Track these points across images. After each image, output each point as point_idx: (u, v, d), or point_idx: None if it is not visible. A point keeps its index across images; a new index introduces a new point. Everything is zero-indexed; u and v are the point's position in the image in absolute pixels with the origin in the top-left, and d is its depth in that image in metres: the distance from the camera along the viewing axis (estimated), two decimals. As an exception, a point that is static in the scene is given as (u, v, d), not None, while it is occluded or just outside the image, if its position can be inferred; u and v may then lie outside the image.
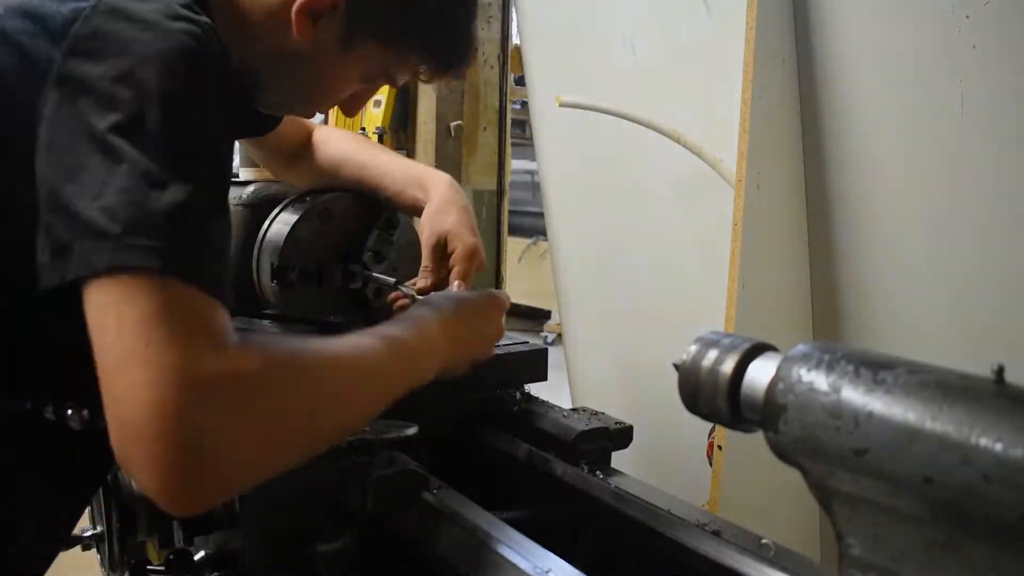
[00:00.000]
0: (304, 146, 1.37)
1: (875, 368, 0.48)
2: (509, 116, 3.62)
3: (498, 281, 3.53)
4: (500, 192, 4.13)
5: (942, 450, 0.42)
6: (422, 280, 1.19)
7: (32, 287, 0.72)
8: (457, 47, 1.03)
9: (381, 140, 3.52)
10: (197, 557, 0.98)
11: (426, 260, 1.20)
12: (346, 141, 1.37)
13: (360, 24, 0.95)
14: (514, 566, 0.75)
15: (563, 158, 2.33)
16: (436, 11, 0.99)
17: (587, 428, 1.05)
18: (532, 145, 2.52)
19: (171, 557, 1.02)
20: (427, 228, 1.21)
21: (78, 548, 1.13)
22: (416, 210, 1.26)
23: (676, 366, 0.59)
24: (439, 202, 1.23)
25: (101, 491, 1.02)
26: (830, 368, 0.49)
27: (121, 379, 0.66)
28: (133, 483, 0.98)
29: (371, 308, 1.30)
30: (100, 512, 1.03)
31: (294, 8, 0.91)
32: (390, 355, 0.86)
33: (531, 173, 6.11)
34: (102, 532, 1.07)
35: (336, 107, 1.09)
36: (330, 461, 0.90)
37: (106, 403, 0.67)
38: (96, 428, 0.87)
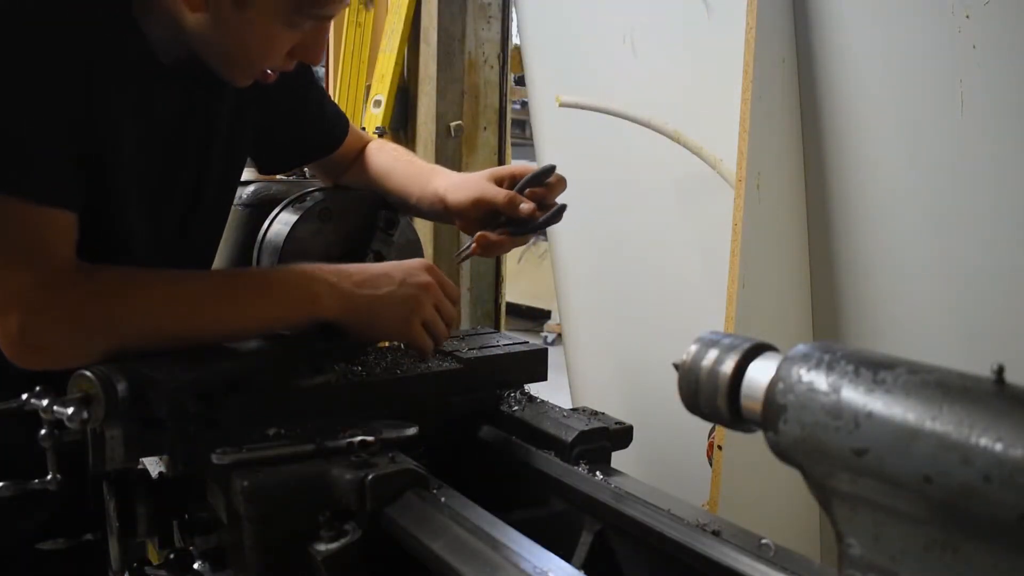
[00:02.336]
0: (357, 158, 1.42)
1: (875, 368, 0.48)
2: (509, 116, 3.61)
3: (498, 281, 3.52)
4: (500, 192, 4.10)
5: (942, 450, 0.42)
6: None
7: None
8: None
9: (381, 140, 3.48)
10: (197, 561, 0.98)
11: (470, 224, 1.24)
12: (389, 153, 1.41)
13: None
14: (514, 566, 0.75)
15: (563, 158, 2.32)
16: None
17: (587, 428, 1.05)
18: (532, 145, 2.51)
19: (171, 557, 1.02)
20: (457, 196, 1.24)
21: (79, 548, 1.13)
22: (434, 209, 1.29)
23: (676, 366, 0.59)
24: (458, 179, 1.28)
25: (103, 490, 1.02)
26: (830, 368, 0.49)
27: None
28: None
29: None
30: (100, 512, 1.03)
31: None
32: (217, 304, 1.02)
33: (531, 173, 6.08)
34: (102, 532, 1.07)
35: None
36: (330, 461, 0.90)
37: None
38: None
